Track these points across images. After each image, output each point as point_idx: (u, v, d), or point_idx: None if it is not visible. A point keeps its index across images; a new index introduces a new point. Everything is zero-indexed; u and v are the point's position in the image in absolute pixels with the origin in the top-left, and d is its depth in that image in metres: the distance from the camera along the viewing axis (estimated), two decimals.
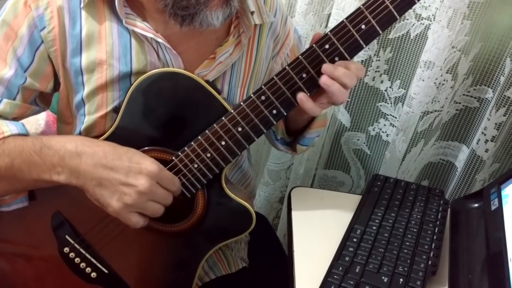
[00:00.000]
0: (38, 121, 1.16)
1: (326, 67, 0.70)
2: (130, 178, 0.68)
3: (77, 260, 0.80)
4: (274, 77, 0.72)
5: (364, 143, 1.29)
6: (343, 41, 0.70)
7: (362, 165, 1.32)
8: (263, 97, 0.73)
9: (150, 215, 0.71)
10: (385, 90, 1.19)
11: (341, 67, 0.70)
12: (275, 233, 1.17)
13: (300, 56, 0.72)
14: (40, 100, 0.82)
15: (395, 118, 1.19)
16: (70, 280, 0.81)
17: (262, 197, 1.48)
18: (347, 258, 0.74)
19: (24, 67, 0.75)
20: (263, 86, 0.73)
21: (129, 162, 0.69)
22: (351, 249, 0.76)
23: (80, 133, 0.81)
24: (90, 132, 0.81)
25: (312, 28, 1.17)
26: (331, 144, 1.31)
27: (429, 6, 1.04)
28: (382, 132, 1.24)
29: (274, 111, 0.74)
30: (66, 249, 0.80)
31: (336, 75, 0.70)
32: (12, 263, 0.83)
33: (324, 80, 0.70)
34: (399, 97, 1.17)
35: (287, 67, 0.72)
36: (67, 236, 0.80)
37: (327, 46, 0.71)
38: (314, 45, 0.71)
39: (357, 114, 1.25)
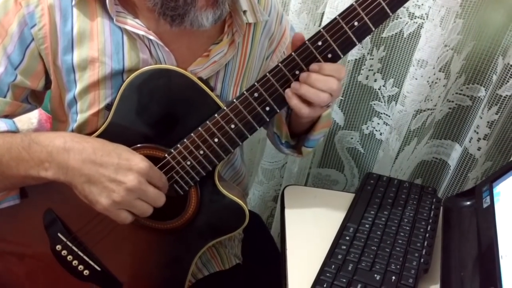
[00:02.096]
0: (30, 119, 1.16)
1: (292, 84, 0.72)
2: (119, 175, 0.67)
3: (69, 257, 0.80)
4: (267, 74, 0.72)
5: (358, 141, 1.29)
6: (336, 37, 0.70)
7: (356, 163, 1.32)
8: (256, 94, 0.73)
9: (138, 214, 0.70)
10: (379, 89, 1.19)
11: (313, 73, 0.71)
12: (269, 232, 1.17)
13: (293, 53, 0.72)
14: (32, 98, 0.82)
15: (389, 116, 1.19)
16: (63, 278, 0.81)
17: (256, 195, 1.48)
18: (339, 256, 0.74)
19: (14, 65, 0.74)
20: (256, 83, 0.73)
21: (118, 159, 0.68)
22: (343, 247, 0.76)
23: (72, 131, 0.81)
24: (83, 130, 0.80)
25: (306, 27, 1.17)
26: (324, 143, 1.31)
27: (422, 4, 1.04)
28: (376, 130, 1.24)
29: (267, 108, 0.74)
30: (58, 247, 0.80)
31: (301, 92, 0.71)
32: (4, 261, 0.83)
33: (288, 94, 0.72)
34: (393, 95, 1.17)
35: (280, 64, 0.72)
36: (59, 234, 0.79)
37: (320, 43, 0.71)
38: (307, 41, 0.71)
39: (350, 113, 1.25)
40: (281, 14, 0.91)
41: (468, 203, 0.85)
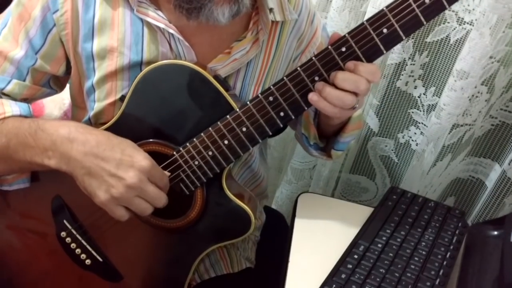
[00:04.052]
0: (63, 100, 1.18)
1: (316, 85, 0.68)
2: (119, 171, 0.66)
3: (73, 245, 0.80)
4: (284, 77, 0.69)
5: (392, 150, 1.22)
6: (362, 44, 0.66)
7: (388, 173, 1.26)
8: (271, 98, 0.70)
9: (136, 212, 0.69)
10: (418, 97, 1.12)
11: (343, 72, 0.67)
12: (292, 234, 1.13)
13: (313, 58, 0.68)
14: (54, 83, 0.82)
15: (427, 127, 1.12)
16: (65, 265, 0.81)
17: (284, 195, 1.45)
18: (343, 276, 0.70)
19: (35, 49, 0.75)
20: (272, 87, 0.69)
21: (121, 154, 0.67)
22: (349, 266, 0.72)
23: (89, 119, 0.81)
24: (99, 119, 0.80)
25: (347, 25, 1.12)
26: (357, 149, 1.26)
27: (473, 9, 0.96)
28: (412, 140, 1.17)
29: (282, 114, 0.70)
30: (63, 234, 0.80)
31: (323, 95, 0.68)
32: (10, 241, 0.84)
33: (310, 97, 0.69)
34: (433, 105, 1.10)
35: (298, 68, 0.68)
36: (65, 221, 0.80)
37: (343, 49, 0.67)
38: (329, 47, 0.67)
39: (386, 119, 1.18)
40: (313, 13, 0.86)
41: (495, 233, 0.78)
